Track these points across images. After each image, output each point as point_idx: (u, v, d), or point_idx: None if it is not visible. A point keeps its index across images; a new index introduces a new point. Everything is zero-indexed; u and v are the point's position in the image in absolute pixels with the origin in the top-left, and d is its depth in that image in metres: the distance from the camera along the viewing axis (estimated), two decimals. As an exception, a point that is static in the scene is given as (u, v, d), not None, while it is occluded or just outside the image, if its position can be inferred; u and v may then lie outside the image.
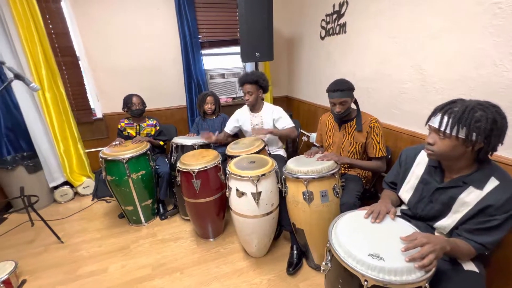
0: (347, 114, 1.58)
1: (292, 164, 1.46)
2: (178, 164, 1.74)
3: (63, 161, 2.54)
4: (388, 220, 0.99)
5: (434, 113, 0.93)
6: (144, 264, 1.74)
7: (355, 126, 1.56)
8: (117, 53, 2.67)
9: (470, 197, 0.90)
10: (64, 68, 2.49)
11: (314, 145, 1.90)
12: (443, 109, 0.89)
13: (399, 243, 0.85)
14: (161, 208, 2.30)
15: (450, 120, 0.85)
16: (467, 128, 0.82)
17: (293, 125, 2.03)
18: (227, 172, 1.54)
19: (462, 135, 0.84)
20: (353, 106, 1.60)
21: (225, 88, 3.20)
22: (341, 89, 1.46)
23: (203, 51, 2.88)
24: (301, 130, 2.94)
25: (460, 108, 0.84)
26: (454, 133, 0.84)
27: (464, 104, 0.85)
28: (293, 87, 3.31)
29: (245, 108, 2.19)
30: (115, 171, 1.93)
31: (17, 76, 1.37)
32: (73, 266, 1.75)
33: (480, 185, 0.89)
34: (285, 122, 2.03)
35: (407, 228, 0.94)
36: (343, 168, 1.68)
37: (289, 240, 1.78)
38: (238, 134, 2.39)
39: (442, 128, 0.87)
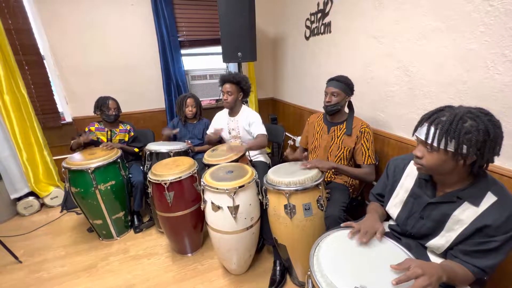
0: (338, 115, 1.53)
1: (273, 174, 1.33)
2: (148, 175, 1.57)
3: (26, 170, 2.31)
4: (375, 241, 0.88)
5: (420, 123, 0.83)
6: (112, 286, 1.56)
7: (345, 130, 1.48)
8: (88, 52, 2.46)
9: (465, 214, 0.81)
10: (26, 68, 2.26)
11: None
12: (430, 118, 0.80)
13: (389, 271, 0.74)
14: (135, 220, 2.11)
15: (437, 131, 0.75)
16: (456, 141, 0.73)
17: (264, 132, 1.86)
18: (202, 183, 1.40)
19: (451, 148, 0.74)
20: (346, 110, 1.55)
21: (208, 90, 3.05)
22: (338, 79, 1.45)
23: (182, 51, 2.71)
24: (287, 134, 2.83)
25: (448, 117, 0.75)
26: (442, 146, 0.75)
27: (452, 112, 0.75)
28: (278, 89, 3.20)
29: (224, 112, 2.07)
30: (80, 182, 1.74)
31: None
32: (28, 291, 1.56)
33: (476, 201, 0.79)
34: (257, 128, 1.86)
35: (398, 252, 0.83)
36: (329, 175, 1.58)
37: (273, 253, 1.65)
38: (221, 141, 2.24)
39: (429, 141, 0.77)
